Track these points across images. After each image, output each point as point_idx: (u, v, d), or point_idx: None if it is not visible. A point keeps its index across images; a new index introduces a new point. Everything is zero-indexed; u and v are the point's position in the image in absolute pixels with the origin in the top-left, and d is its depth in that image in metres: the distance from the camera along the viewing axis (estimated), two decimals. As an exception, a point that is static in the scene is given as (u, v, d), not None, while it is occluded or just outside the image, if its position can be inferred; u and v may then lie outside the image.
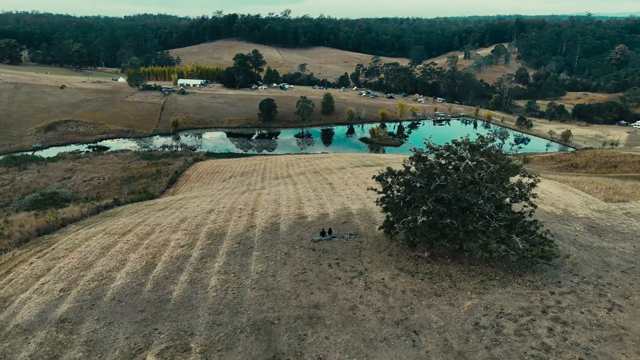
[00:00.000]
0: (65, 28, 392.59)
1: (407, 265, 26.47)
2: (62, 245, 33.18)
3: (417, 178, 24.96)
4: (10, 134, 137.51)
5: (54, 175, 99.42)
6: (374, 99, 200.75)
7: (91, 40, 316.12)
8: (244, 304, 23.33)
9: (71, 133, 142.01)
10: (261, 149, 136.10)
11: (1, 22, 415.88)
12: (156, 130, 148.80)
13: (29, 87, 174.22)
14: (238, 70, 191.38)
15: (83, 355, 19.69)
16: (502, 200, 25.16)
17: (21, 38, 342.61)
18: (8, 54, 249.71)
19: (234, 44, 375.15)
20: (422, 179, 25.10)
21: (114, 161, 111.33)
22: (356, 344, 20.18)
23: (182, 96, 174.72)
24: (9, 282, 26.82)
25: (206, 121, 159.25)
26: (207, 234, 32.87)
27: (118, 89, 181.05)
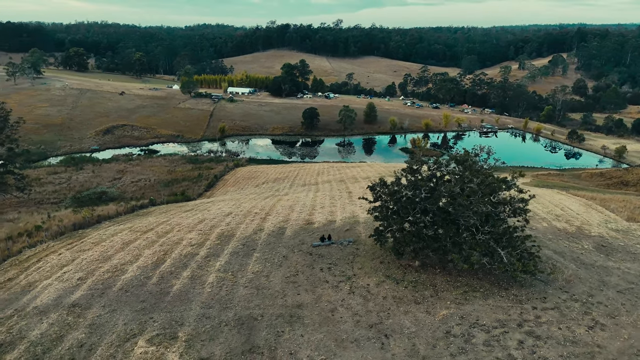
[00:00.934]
0: (129, 38, 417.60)
1: (394, 273, 27.43)
2: (90, 239, 36.67)
3: (404, 189, 25.96)
4: (72, 136, 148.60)
5: (106, 175, 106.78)
6: (418, 109, 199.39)
7: (152, 49, 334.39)
8: (234, 300, 25.23)
9: (126, 137, 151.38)
10: (303, 157, 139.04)
11: (73, 32, 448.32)
12: (204, 136, 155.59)
13: (92, 93, 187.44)
14: (284, 80, 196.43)
15: (85, 336, 22.27)
16: (488, 214, 25.62)
17: (89, 47, 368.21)
18: (76, 62, 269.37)
19: (285, 53, 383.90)
20: (410, 190, 26.07)
21: (162, 164, 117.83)
22: (327, 343, 21.50)
23: (230, 104, 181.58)
24: (38, 269, 30.27)
25: (251, 128, 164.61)
26: (218, 235, 35.22)
27: (172, 96, 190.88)
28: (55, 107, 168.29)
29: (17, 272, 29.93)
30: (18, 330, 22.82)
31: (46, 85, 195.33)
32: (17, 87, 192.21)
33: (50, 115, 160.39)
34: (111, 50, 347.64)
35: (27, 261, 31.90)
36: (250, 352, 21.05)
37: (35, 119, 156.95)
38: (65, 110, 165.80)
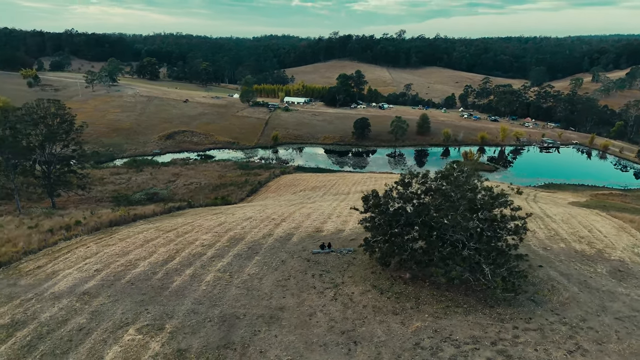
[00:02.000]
0: (199, 48, 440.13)
1: (382, 284, 27.87)
2: (119, 235, 40.08)
3: (392, 201, 26.46)
4: (138, 140, 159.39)
5: (162, 177, 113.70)
6: (475, 121, 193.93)
7: (218, 59, 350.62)
8: (224, 299, 26.90)
9: (186, 142, 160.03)
10: (353, 166, 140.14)
11: (149, 43, 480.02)
12: (258, 144, 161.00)
13: (158, 100, 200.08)
14: (339, 90, 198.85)
15: (86, 321, 24.82)
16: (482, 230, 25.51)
17: (163, 56, 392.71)
18: (149, 71, 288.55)
19: (346, 64, 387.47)
20: (398, 202, 26.53)
21: (214, 169, 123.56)
22: (297, 345, 22.53)
23: (285, 113, 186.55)
24: (65, 259, 33.73)
25: (303, 137, 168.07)
26: (229, 237, 37.25)
27: (231, 104, 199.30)
28: (125, 112, 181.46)
29: (47, 260, 33.56)
30: (32, 311, 25.84)
31: (119, 92, 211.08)
32: (94, 93, 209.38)
33: (120, 120, 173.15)
34: (182, 60, 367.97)
35: (59, 252, 35.59)
36: (224, 347, 22.53)
37: (107, 123, 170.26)
38: (134, 116, 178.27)
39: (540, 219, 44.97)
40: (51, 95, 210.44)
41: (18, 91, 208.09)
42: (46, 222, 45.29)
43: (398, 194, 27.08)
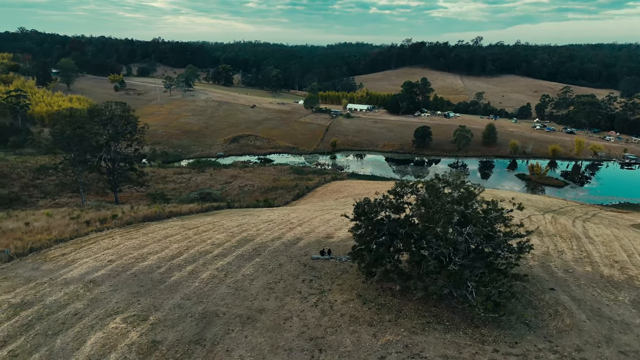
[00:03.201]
0: (273, 56, 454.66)
1: (368, 294, 27.27)
2: (144, 230, 42.64)
3: (382, 210, 25.89)
4: (205, 142, 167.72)
5: (220, 179, 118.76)
6: (548, 132, 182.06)
7: (289, 66, 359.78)
8: (211, 296, 27.74)
9: (249, 146, 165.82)
10: (412, 175, 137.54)
11: (228, 51, 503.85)
12: (316, 149, 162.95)
13: (228, 105, 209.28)
14: (403, 97, 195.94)
15: (82, 307, 26.75)
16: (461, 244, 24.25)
17: (239, 64, 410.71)
18: (224, 77, 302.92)
19: (417, 71, 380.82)
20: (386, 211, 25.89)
21: (270, 172, 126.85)
22: (263, 347, 22.73)
23: (346, 120, 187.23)
24: (88, 249, 36.52)
25: (362, 144, 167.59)
26: (241, 238, 38.25)
27: (295, 110, 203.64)
28: (196, 116, 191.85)
29: (73, 249, 36.54)
30: (41, 294, 28.30)
31: (193, 97, 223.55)
32: (170, 97, 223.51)
33: (191, 123, 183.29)
34: (256, 67, 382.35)
35: (86, 242, 38.59)
36: (195, 342, 23.27)
37: (178, 125, 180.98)
38: (203, 119, 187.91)
39: (577, 239, 41.46)
40: (134, 98, 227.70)
41: (106, 94, 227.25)
42: (90, 214, 49.27)
43: (388, 204, 26.40)
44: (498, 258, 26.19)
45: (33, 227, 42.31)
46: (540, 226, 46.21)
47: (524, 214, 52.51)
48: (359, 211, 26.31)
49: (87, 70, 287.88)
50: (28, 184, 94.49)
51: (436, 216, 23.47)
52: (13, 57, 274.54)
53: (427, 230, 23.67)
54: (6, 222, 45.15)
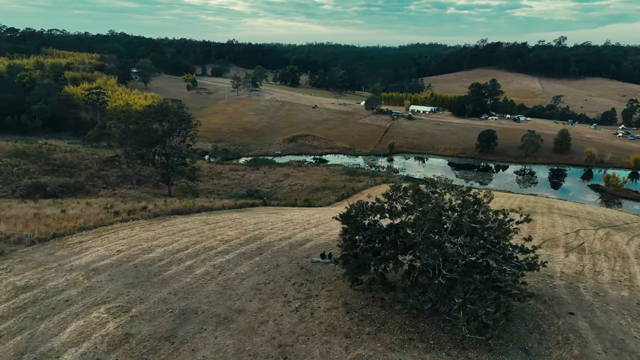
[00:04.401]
0: (343, 57, 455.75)
1: (356, 303, 25.51)
2: (167, 223, 43.55)
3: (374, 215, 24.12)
4: (265, 141, 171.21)
5: (273, 177, 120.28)
6: (632, 140, 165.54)
7: (356, 67, 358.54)
8: (197, 293, 27.39)
9: (306, 145, 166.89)
10: (473, 181, 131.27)
11: (298, 52, 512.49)
12: (373, 151, 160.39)
13: (290, 105, 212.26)
14: (469, 99, 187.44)
15: (76, 294, 27.47)
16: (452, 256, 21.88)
17: (308, 65, 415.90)
18: (290, 78, 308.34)
19: (490, 73, 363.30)
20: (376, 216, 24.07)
21: (323, 173, 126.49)
22: (228, 350, 21.89)
23: (407, 121, 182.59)
24: (105, 238, 37.80)
25: (422, 147, 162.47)
26: (250, 236, 37.77)
27: (356, 111, 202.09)
28: (258, 115, 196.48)
29: (91, 237, 38.03)
30: (45, 279, 29.50)
31: (258, 96, 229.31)
32: (237, 97, 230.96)
33: (253, 122, 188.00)
34: (323, 68, 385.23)
35: (107, 231, 40.04)
36: (165, 339, 22.93)
37: (241, 124, 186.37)
38: (265, 119, 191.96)
39: (623, 259, 36.54)
40: (204, 97, 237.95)
41: (179, 93, 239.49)
42: (123, 205, 51.38)
43: (379, 208, 24.49)
44: (501, 274, 23.44)
45: (67, 215, 44.81)
46: (585, 242, 41.42)
47: (572, 228, 47.49)
48: (345, 214, 24.69)
49: (165, 70, 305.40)
50: (94, 175, 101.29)
51: (419, 223, 21.35)
52: (100, 58, 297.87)
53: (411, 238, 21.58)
54: (46, 209, 48.30)
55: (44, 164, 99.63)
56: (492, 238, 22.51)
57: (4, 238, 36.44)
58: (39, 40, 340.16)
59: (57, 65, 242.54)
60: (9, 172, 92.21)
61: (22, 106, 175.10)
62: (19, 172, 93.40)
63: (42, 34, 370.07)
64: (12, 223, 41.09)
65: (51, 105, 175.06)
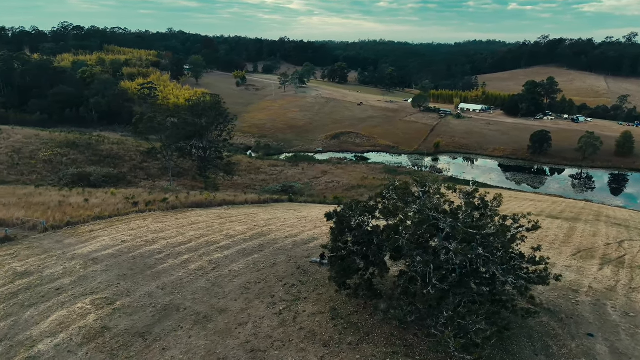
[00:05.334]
0: (394, 54, 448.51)
1: (344, 309, 23.63)
2: (181, 215, 43.31)
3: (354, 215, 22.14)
4: (307, 137, 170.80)
5: (310, 174, 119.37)
6: None
7: (407, 65, 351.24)
8: (185, 289, 26.50)
9: (348, 143, 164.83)
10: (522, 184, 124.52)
11: (349, 49, 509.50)
12: (417, 150, 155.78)
13: (335, 102, 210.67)
14: (523, 98, 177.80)
15: (68, 283, 27.36)
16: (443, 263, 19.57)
17: (359, 62, 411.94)
18: (339, 75, 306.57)
19: (551, 71, 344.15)
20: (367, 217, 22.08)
21: (362, 171, 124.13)
22: (199, 352, 20.75)
23: (455, 120, 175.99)
24: (115, 228, 37.91)
25: (469, 146, 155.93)
26: (257, 232, 36.60)
27: (402, 109, 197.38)
28: (303, 112, 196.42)
29: (103, 227, 38.32)
30: (45, 266, 29.71)
31: (304, 93, 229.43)
32: (284, 94, 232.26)
33: (297, 118, 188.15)
34: (373, 66, 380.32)
35: (120, 222, 40.27)
36: (140, 335, 22.14)
37: (285, 121, 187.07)
38: (309, 116, 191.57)
39: (670, 275, 32.15)
40: (252, 94, 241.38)
41: (228, 89, 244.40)
42: (146, 196, 51.91)
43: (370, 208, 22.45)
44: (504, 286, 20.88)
45: (88, 204, 45.71)
46: (628, 255, 37.04)
47: (615, 238, 42.82)
48: (332, 212, 22.88)
49: (217, 67, 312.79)
50: (136, 166, 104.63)
51: (404, 225, 19.21)
52: (157, 55, 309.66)
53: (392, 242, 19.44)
54: (73, 197, 49.63)
55: (92, 155, 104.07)
56: (494, 245, 19.95)
57: (21, 224, 37.41)
58: (102, 38, 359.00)
59: (117, 61, 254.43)
60: (58, 162, 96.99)
61: (81, 100, 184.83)
62: (68, 161, 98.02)
63: (106, 32, 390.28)
64: (34, 210, 42.34)
65: (107, 99, 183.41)
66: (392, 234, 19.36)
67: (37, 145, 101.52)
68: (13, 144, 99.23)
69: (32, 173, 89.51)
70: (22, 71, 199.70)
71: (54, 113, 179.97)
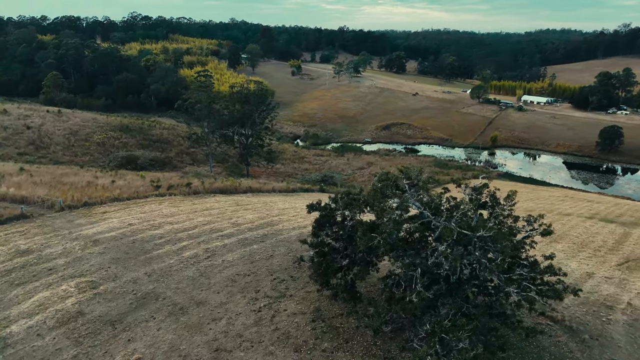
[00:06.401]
0: (458, 43, 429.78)
1: (328, 310, 21.34)
2: (198, 200, 42.54)
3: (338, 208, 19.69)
4: (357, 128, 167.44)
5: (355, 164, 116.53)
6: None
7: (470, 54, 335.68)
8: (171, 277, 25.33)
9: (399, 134, 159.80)
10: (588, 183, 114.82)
11: (410, 39, 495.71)
12: (472, 143, 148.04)
13: (389, 92, 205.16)
14: (594, 90, 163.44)
15: (62, 263, 27.06)
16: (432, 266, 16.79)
17: (420, 51, 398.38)
18: (396, 64, 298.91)
19: (631, 62, 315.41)
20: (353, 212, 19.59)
21: (409, 162, 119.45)
22: (162, 346, 19.42)
23: (516, 113, 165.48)
24: (128, 211, 37.63)
25: (529, 141, 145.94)
26: (266, 221, 34.91)
27: (460, 100, 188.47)
28: (355, 102, 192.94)
29: (117, 209, 38.23)
30: (47, 245, 29.71)
31: (358, 83, 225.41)
32: (338, 83, 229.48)
33: (348, 108, 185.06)
34: (434, 55, 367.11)
35: (136, 204, 40.10)
36: (111, 323, 21.18)
37: (336, 110, 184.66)
38: (361, 106, 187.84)
39: None
40: (306, 83, 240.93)
41: (282, 78, 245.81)
42: (172, 180, 51.85)
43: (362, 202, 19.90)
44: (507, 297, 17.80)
45: (114, 185, 46.19)
46: (688, 268, 31.70)
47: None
48: (313, 204, 20.60)
49: (275, 56, 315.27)
50: (183, 151, 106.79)
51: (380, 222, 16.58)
52: (217, 44, 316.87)
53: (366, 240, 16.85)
54: (103, 178, 50.48)
55: (142, 139, 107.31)
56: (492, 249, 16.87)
57: (40, 202, 38.10)
58: (168, 27, 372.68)
59: (179, 50, 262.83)
60: (110, 145, 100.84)
61: (143, 86, 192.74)
62: (119, 144, 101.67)
63: (171, 22, 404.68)
64: (60, 189, 43.23)
65: (166, 87, 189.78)
66: (368, 231, 16.78)
67: (92, 128, 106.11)
68: (71, 126, 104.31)
69: (85, 155, 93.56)
70: (91, 59, 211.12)
71: (117, 99, 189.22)
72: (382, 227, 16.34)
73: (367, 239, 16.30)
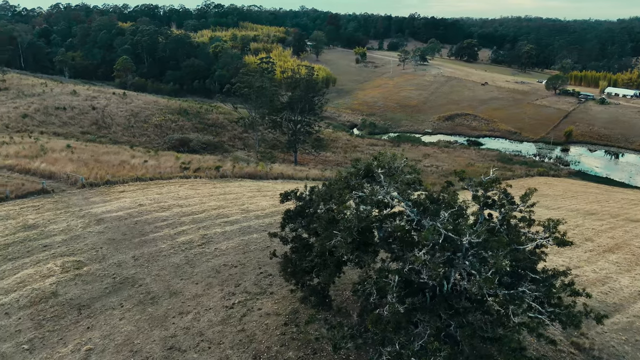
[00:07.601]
0: (537, 31, 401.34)
1: (306, 313, 18.66)
2: (221, 184, 41.19)
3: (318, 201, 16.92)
4: (418, 118, 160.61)
5: (410, 156, 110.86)
6: None
7: (551, 42, 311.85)
8: (156, 263, 23.90)
9: (462, 125, 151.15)
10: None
11: (485, 26, 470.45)
12: (543, 137, 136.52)
13: (456, 81, 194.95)
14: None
15: (59, 240, 26.63)
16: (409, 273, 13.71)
17: (496, 39, 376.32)
18: (467, 53, 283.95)
19: None
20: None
21: (469, 156, 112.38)
22: (117, 338, 17.95)
23: (598, 106, 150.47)
24: (146, 191, 36.99)
25: (610, 138, 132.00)
26: (274, 210, 32.35)
27: (534, 91, 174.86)
28: (418, 90, 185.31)
29: (136, 188, 37.77)
30: (53, 221, 29.55)
31: (424, 71, 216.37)
32: (402, 71, 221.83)
33: (410, 97, 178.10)
34: (511, 43, 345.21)
35: (156, 184, 39.47)
36: (78, 308, 20.13)
37: (397, 99, 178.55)
38: (424, 95, 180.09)
39: None
40: (370, 70, 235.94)
41: (346, 66, 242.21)
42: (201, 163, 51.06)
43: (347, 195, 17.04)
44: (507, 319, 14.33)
45: (144, 165, 46.19)
46: None
47: None
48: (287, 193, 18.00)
49: (341, 43, 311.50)
50: (236, 136, 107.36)
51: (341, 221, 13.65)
52: (285, 31, 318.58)
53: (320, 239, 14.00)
54: (137, 158, 50.76)
55: (198, 122, 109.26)
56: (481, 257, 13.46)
57: (65, 178, 38.53)
58: (239, 15, 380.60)
59: (246, 37, 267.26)
60: (167, 127, 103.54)
61: (209, 72, 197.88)
62: (175, 127, 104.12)
63: (242, 10, 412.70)
64: (91, 166, 43.72)
65: (230, 73, 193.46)
66: (329, 226, 13.96)
67: (152, 110, 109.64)
68: (133, 108, 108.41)
69: (143, 135, 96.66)
70: (163, 45, 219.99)
71: (184, 84, 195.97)
72: (342, 223, 13.45)
73: (324, 237, 13.49)
